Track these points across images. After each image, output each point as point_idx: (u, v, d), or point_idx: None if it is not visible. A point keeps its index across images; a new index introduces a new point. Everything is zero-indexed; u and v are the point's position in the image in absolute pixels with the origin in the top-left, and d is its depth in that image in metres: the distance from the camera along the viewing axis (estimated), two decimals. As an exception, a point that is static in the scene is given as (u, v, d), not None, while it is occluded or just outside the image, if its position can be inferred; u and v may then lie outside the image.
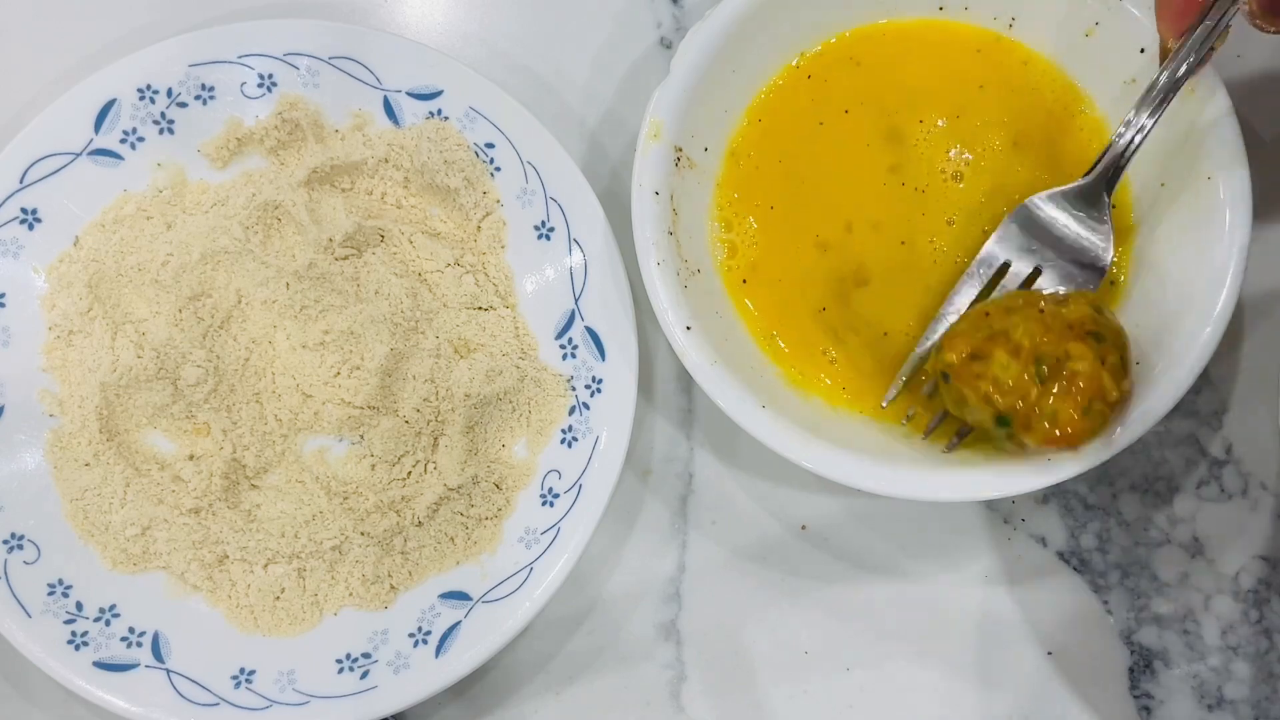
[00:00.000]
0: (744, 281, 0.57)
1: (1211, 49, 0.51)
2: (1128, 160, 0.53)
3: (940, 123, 0.58)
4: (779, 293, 0.57)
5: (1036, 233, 0.54)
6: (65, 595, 0.55)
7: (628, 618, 0.58)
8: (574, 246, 0.58)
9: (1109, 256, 0.54)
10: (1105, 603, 0.58)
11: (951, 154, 0.58)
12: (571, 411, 0.57)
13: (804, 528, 0.59)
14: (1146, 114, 0.52)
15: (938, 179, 0.57)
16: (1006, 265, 0.54)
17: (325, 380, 0.57)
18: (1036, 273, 0.54)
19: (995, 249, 0.55)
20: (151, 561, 0.56)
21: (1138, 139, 0.53)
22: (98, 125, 0.58)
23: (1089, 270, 0.54)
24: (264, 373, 0.57)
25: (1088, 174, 0.54)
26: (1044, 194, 0.54)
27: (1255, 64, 0.61)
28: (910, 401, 0.55)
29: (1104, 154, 0.53)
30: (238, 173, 0.60)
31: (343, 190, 0.60)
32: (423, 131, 0.59)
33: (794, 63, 0.58)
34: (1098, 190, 0.54)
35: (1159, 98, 0.52)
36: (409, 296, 0.58)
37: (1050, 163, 0.57)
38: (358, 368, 0.57)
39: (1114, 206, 0.55)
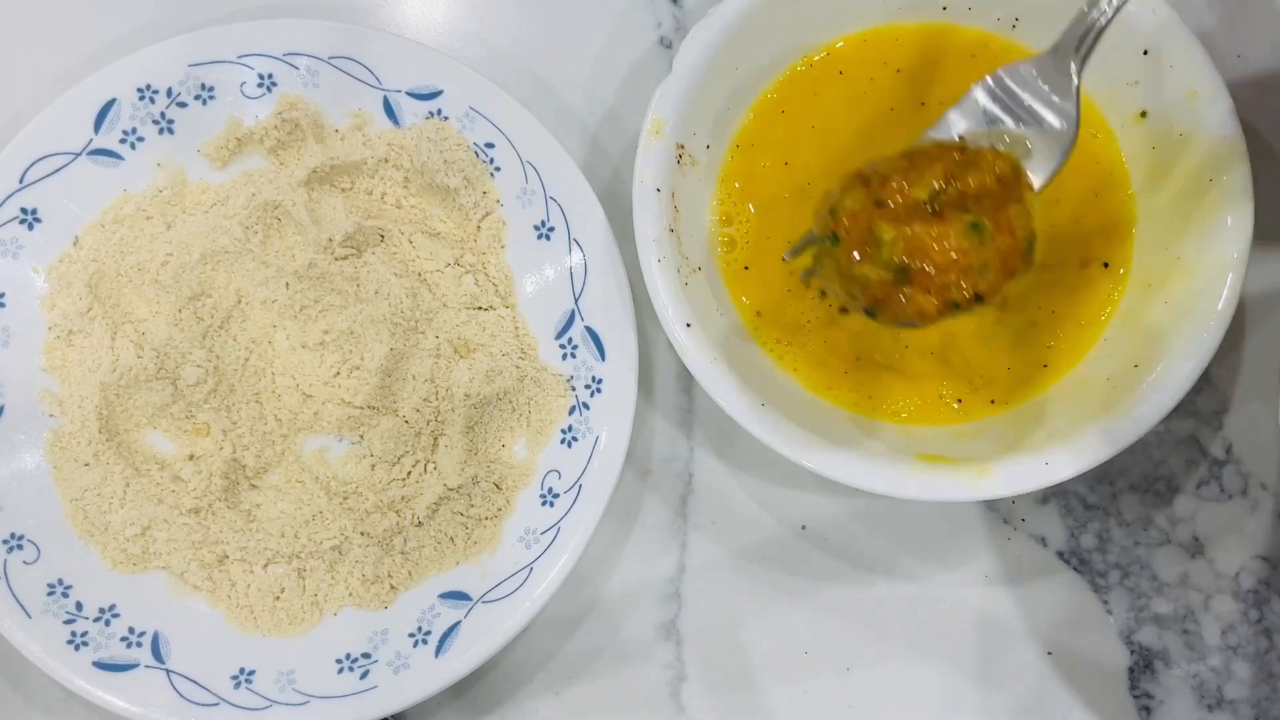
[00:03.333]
0: (744, 280, 0.57)
1: None
2: (1097, 35, 0.51)
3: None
4: (779, 291, 0.57)
5: (1001, 106, 0.53)
6: (65, 595, 0.55)
7: (628, 618, 0.58)
8: (574, 246, 0.58)
9: (1069, 136, 0.52)
10: (1105, 603, 0.58)
11: (952, 153, 0.57)
12: (571, 411, 0.57)
13: (804, 528, 0.59)
14: None
15: (938, 178, 0.57)
16: (961, 140, 0.52)
17: (325, 380, 0.57)
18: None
19: (955, 116, 0.53)
20: (151, 561, 0.56)
21: (1108, 9, 0.50)
22: (97, 125, 0.58)
23: (1049, 147, 0.52)
24: (264, 373, 0.57)
25: (1054, 47, 0.52)
26: (1008, 66, 0.53)
27: (1255, 64, 0.61)
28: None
29: (1071, 25, 0.52)
30: (238, 173, 0.59)
31: (342, 190, 0.60)
32: (422, 131, 0.59)
33: (797, 61, 0.58)
34: (1064, 63, 0.52)
35: None
36: (409, 296, 0.58)
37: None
38: (357, 368, 0.57)
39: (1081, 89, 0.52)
